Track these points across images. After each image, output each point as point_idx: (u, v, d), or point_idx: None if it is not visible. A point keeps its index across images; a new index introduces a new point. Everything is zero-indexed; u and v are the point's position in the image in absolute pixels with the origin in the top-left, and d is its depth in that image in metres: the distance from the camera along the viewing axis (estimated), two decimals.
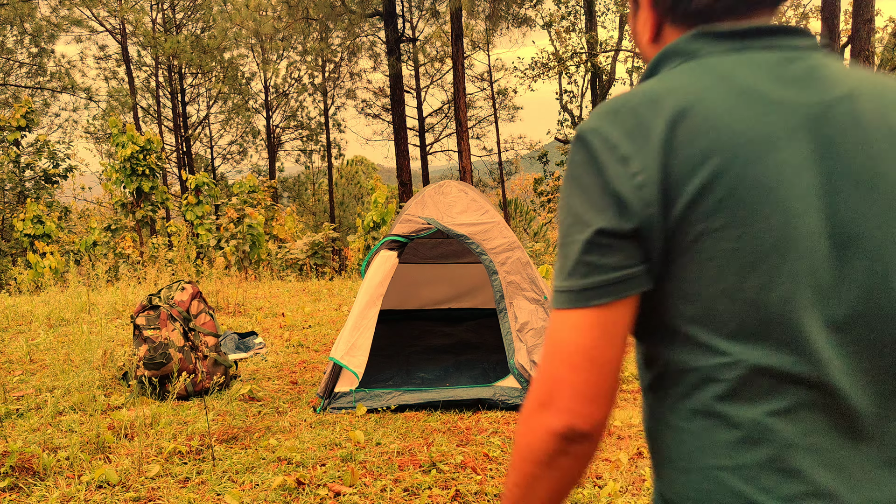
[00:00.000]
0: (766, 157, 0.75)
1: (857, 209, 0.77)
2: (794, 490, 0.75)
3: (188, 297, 4.31)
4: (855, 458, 0.77)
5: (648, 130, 0.76)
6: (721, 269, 0.75)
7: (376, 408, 3.89)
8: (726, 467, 0.77)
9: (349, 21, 17.30)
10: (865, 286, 0.76)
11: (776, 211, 0.75)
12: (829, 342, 0.76)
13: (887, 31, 23.13)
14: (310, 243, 12.10)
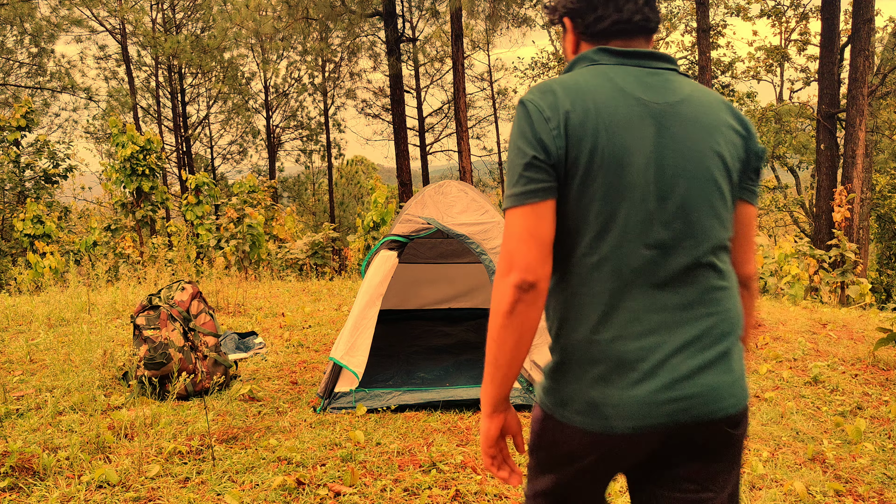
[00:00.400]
0: (627, 131, 1.31)
1: (674, 166, 1.33)
2: (636, 329, 1.31)
3: (188, 297, 4.31)
4: (669, 307, 1.33)
5: (561, 104, 1.31)
6: (595, 194, 1.30)
7: (376, 408, 3.89)
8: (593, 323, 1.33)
9: (349, 21, 17.30)
10: (676, 213, 1.33)
11: (628, 164, 1.30)
12: (658, 240, 1.32)
13: (887, 31, 23.11)
14: (310, 243, 12.10)
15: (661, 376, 1.30)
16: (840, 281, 9.00)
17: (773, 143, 23.00)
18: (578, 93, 1.32)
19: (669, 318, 1.33)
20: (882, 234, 24.80)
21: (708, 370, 1.34)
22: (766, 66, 25.66)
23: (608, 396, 1.31)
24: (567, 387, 1.36)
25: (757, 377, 4.58)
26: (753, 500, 2.83)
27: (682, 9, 24.00)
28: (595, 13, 1.43)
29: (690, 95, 1.39)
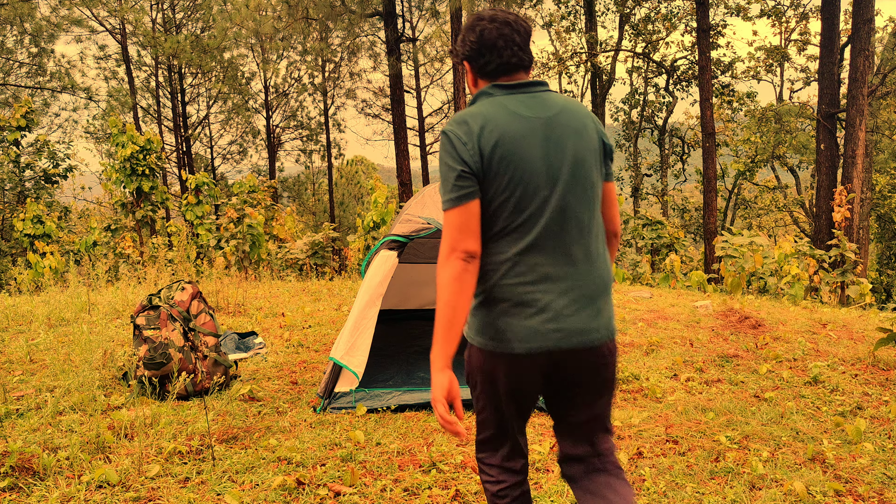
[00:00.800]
0: (521, 141, 1.82)
1: (559, 160, 1.84)
2: (532, 278, 1.81)
3: (188, 297, 4.31)
4: (558, 263, 1.82)
5: (472, 130, 1.81)
6: (505, 186, 1.80)
7: (376, 408, 3.89)
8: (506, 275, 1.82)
9: (349, 21, 17.29)
10: (561, 193, 1.83)
11: (523, 165, 1.81)
12: (551, 215, 1.82)
13: (887, 31, 23.11)
14: (310, 243, 12.09)
15: (548, 313, 1.81)
16: (840, 281, 9.00)
17: (773, 143, 22.99)
18: (483, 119, 1.84)
19: (558, 272, 1.84)
20: (882, 234, 24.80)
21: (582, 312, 1.84)
22: (766, 66, 25.65)
23: (509, 325, 1.82)
24: (482, 319, 1.87)
25: (757, 377, 4.58)
26: (753, 500, 2.83)
27: (682, 9, 23.99)
28: (483, 59, 1.93)
29: (563, 108, 1.92)
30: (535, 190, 1.83)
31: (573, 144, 1.87)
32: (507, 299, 1.82)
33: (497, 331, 1.83)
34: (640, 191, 25.99)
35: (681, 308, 6.93)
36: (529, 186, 1.83)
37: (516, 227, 1.83)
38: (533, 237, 1.82)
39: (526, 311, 1.81)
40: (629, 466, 3.12)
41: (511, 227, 1.83)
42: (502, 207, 1.83)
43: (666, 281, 10.21)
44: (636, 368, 4.68)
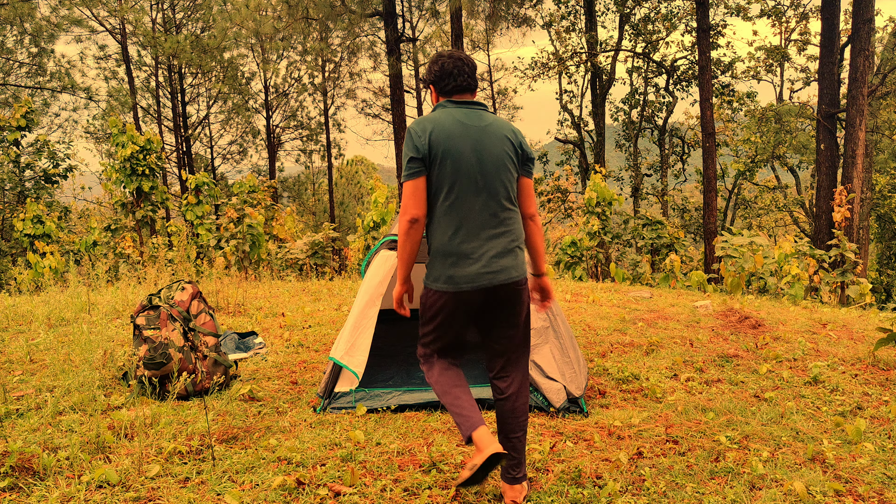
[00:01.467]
0: (459, 140, 2.67)
1: (486, 158, 2.68)
2: (471, 238, 2.67)
3: (188, 297, 4.31)
4: (487, 227, 2.69)
5: (426, 129, 2.66)
6: (445, 173, 2.65)
7: (376, 408, 3.89)
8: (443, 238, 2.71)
9: (349, 21, 17.29)
10: (486, 180, 2.68)
11: (462, 157, 2.65)
12: (479, 196, 2.68)
13: (887, 31, 23.11)
14: (310, 243, 12.09)
15: (482, 261, 2.67)
16: (840, 281, 9.00)
17: (773, 143, 22.99)
18: (435, 123, 2.69)
19: (486, 234, 2.69)
20: (882, 234, 24.81)
21: (503, 259, 2.69)
22: (766, 66, 25.65)
23: (457, 272, 2.67)
24: (436, 270, 2.71)
25: (757, 377, 4.58)
26: (753, 500, 2.83)
27: (682, 9, 23.99)
28: (444, 82, 2.79)
29: (492, 123, 2.76)
30: (467, 176, 2.68)
31: (496, 148, 2.72)
32: (453, 254, 2.68)
33: (449, 277, 2.69)
34: (640, 191, 26.00)
35: (681, 308, 6.93)
36: (462, 174, 2.67)
37: (455, 202, 2.68)
38: (467, 210, 2.68)
39: (467, 262, 2.67)
40: (629, 466, 3.13)
41: (451, 203, 2.68)
42: (442, 187, 2.67)
43: (666, 281, 10.21)
44: (636, 368, 4.68)
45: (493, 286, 2.67)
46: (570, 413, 3.83)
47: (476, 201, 2.68)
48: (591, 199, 11.55)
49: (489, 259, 2.67)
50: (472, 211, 2.68)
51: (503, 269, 2.68)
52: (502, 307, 2.74)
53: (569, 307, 7.10)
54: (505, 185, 2.72)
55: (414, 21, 22.32)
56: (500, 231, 2.71)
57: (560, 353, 3.97)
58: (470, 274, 2.66)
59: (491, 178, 2.69)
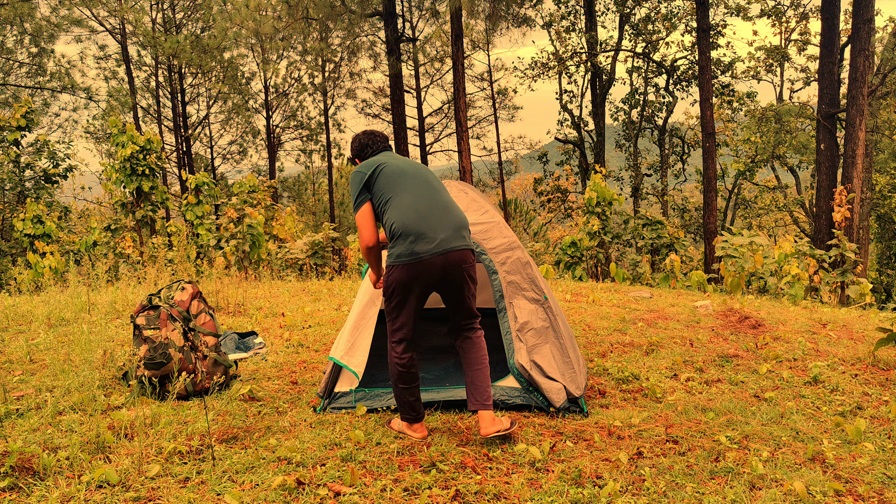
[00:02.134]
0: (388, 169, 3.56)
1: (402, 179, 3.54)
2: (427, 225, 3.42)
3: (188, 297, 4.31)
4: (443, 218, 3.46)
5: (371, 168, 3.55)
6: (382, 191, 3.50)
7: (376, 408, 3.89)
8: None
9: (349, 21, 17.29)
10: (415, 189, 3.50)
11: (389, 179, 3.53)
12: (413, 207, 3.44)
13: (887, 31, 23.10)
14: (310, 243, 12.09)
15: (437, 239, 3.33)
16: (840, 281, 9.00)
17: (773, 143, 22.99)
18: (377, 162, 3.56)
19: (439, 222, 3.39)
20: (882, 234, 24.81)
21: (456, 235, 3.40)
22: (766, 66, 25.66)
23: (418, 247, 3.31)
24: (400, 248, 3.34)
25: (757, 377, 4.58)
26: (753, 500, 2.83)
27: (682, 9, 23.99)
28: (366, 152, 3.75)
29: (397, 158, 3.66)
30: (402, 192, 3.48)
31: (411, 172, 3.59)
32: (413, 234, 3.33)
33: (411, 252, 3.32)
34: (640, 191, 26.00)
35: (681, 308, 6.93)
36: (398, 190, 3.48)
37: (410, 204, 3.43)
38: (423, 208, 3.42)
39: (426, 240, 3.33)
40: (629, 466, 3.12)
41: (406, 203, 3.42)
42: (382, 206, 3.48)
43: (666, 281, 10.21)
44: (636, 368, 4.68)
45: (450, 250, 3.46)
46: (570, 413, 3.83)
47: (428, 200, 3.61)
48: (591, 199, 11.55)
49: (446, 236, 3.44)
50: (428, 207, 3.57)
51: (457, 239, 3.50)
52: (458, 270, 3.53)
53: (569, 307, 7.10)
54: (443, 189, 3.69)
55: (414, 21, 22.32)
56: (451, 215, 3.63)
57: (560, 353, 3.97)
58: (429, 248, 3.40)
59: (431, 184, 3.69)
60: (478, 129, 26.20)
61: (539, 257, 14.72)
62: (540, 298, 4.07)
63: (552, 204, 25.53)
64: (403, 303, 3.38)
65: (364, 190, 3.46)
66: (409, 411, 3.48)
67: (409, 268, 3.30)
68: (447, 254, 3.32)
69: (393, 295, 3.38)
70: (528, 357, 3.89)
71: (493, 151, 26.32)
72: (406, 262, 3.30)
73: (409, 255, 3.30)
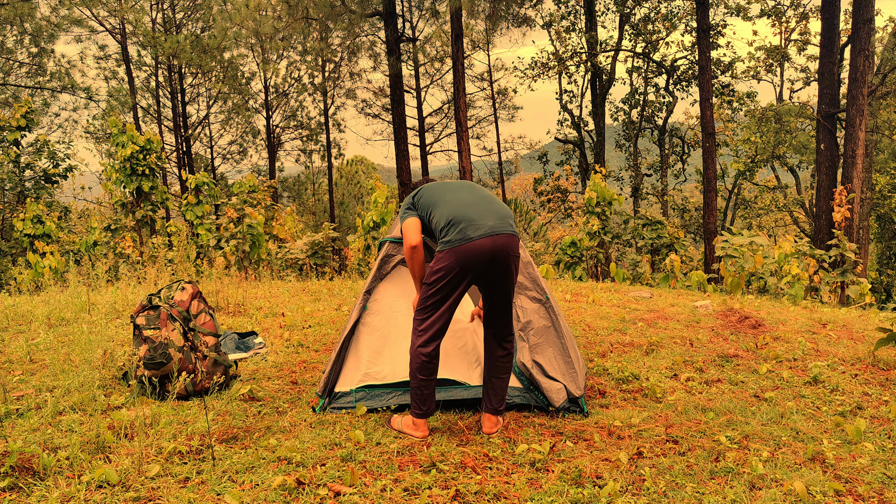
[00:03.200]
0: (430, 188, 3.78)
1: (444, 187, 3.74)
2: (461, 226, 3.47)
3: (188, 297, 4.31)
4: (485, 211, 3.53)
5: (414, 192, 3.83)
6: (427, 204, 3.66)
7: (376, 408, 3.89)
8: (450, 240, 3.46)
9: (349, 21, 17.29)
10: (457, 189, 3.71)
11: (432, 191, 3.73)
12: (459, 201, 3.59)
13: (887, 31, 23.11)
14: (310, 243, 12.09)
15: (486, 227, 3.40)
16: (840, 281, 9.00)
17: (773, 143, 22.99)
18: (414, 194, 3.77)
19: (484, 215, 3.46)
20: (882, 234, 24.81)
21: (501, 223, 3.46)
22: (766, 66, 25.66)
23: (468, 232, 3.38)
24: (449, 236, 3.41)
25: (757, 377, 4.58)
26: (753, 500, 2.83)
27: (682, 9, 23.99)
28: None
29: (461, 183, 3.80)
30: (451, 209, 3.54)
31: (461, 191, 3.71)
32: (464, 221, 3.43)
33: (463, 236, 3.38)
34: (640, 191, 26.00)
35: (681, 308, 6.93)
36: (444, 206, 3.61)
37: (456, 200, 3.57)
38: (468, 200, 3.57)
39: (475, 226, 3.40)
40: (629, 466, 3.12)
41: (452, 201, 3.57)
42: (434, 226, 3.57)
43: (666, 281, 10.21)
44: (636, 368, 4.68)
45: (498, 234, 3.52)
46: (570, 413, 3.83)
47: (475, 204, 3.73)
48: (591, 199, 11.55)
49: (492, 224, 3.54)
50: (472, 208, 3.70)
51: (504, 226, 3.58)
52: (505, 254, 3.57)
53: (569, 307, 7.10)
54: (491, 197, 3.77)
55: (414, 21, 22.32)
56: (494, 207, 3.70)
57: (561, 353, 3.97)
58: (480, 233, 3.47)
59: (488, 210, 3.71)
60: (478, 129, 26.22)
61: (539, 257, 14.72)
62: (542, 298, 4.07)
63: (552, 204, 25.54)
64: (447, 296, 3.40)
65: (411, 209, 3.68)
66: (421, 405, 3.47)
67: (459, 252, 3.32)
68: (496, 236, 3.37)
69: (437, 283, 3.38)
70: (530, 356, 3.89)
71: (493, 151, 26.33)
72: (456, 246, 3.33)
73: (459, 240, 3.34)
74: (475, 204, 3.50)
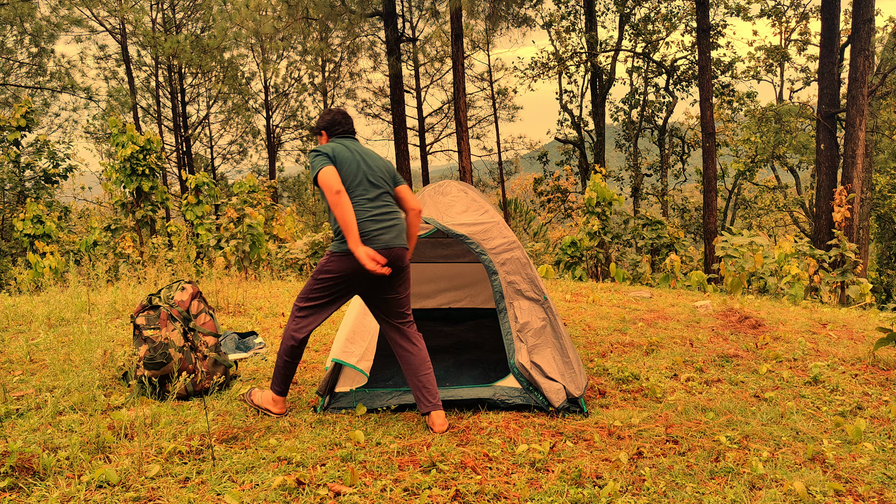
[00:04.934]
0: (350, 156, 3.66)
1: (370, 168, 3.69)
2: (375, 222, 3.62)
3: (188, 297, 4.31)
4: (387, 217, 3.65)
5: (331, 151, 3.61)
6: (345, 175, 3.60)
7: (376, 408, 3.89)
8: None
9: (349, 21, 17.29)
10: (374, 179, 3.68)
11: (354, 166, 3.64)
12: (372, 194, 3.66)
13: (887, 31, 23.11)
14: (310, 243, 12.09)
15: (382, 233, 3.54)
16: (840, 281, 9.00)
17: (773, 143, 22.99)
18: (334, 148, 3.62)
19: (383, 220, 3.59)
20: (882, 234, 24.80)
21: (392, 231, 3.58)
22: (766, 66, 25.65)
23: (366, 241, 3.51)
24: (344, 245, 3.52)
25: (757, 377, 4.58)
26: (753, 500, 2.83)
27: (682, 9, 23.99)
28: (336, 128, 3.80)
29: (367, 148, 3.78)
30: (360, 182, 3.61)
31: (379, 164, 3.73)
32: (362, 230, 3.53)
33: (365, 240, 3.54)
34: (640, 191, 25.99)
35: (681, 308, 6.93)
36: (357, 178, 3.60)
37: (356, 199, 3.57)
38: (367, 200, 3.60)
39: (372, 233, 3.54)
40: (629, 466, 3.12)
41: (354, 199, 3.57)
42: (346, 185, 3.57)
43: (666, 281, 10.21)
44: (636, 368, 4.68)
45: (393, 247, 3.58)
46: (569, 413, 3.83)
47: (373, 199, 3.62)
48: (591, 199, 11.55)
49: (390, 238, 3.58)
50: (374, 206, 3.61)
51: (397, 239, 3.61)
52: (399, 266, 3.64)
53: (569, 307, 7.10)
54: (386, 189, 3.69)
55: (414, 21, 22.31)
56: (392, 218, 3.64)
57: (560, 354, 3.97)
58: (377, 243, 3.52)
59: (378, 180, 3.67)
60: (478, 129, 26.20)
61: (539, 257, 14.73)
62: (540, 299, 4.07)
63: (552, 204, 25.54)
64: (333, 292, 3.61)
65: (329, 160, 3.59)
66: (283, 384, 3.75)
67: (347, 259, 3.53)
68: (396, 248, 3.59)
69: (327, 280, 3.60)
70: (529, 357, 3.89)
71: (493, 151, 26.32)
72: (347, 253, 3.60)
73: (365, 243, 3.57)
74: (379, 212, 3.67)
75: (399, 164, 18.46)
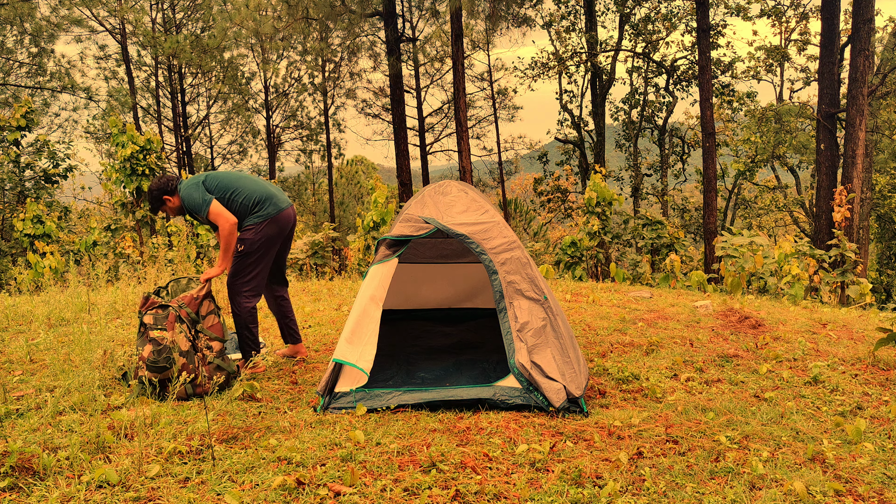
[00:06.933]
0: (211, 177, 4.60)
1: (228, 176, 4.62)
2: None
3: (200, 295, 4.29)
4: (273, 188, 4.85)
5: (197, 180, 4.53)
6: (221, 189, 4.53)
7: (376, 408, 3.89)
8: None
9: (349, 21, 17.29)
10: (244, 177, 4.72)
11: (238, 186, 4.55)
12: (256, 182, 4.68)
13: (887, 31, 23.10)
14: (310, 243, 12.09)
15: (286, 201, 4.59)
16: (840, 281, 9.00)
17: (773, 143, 22.99)
18: (192, 181, 4.51)
19: (277, 200, 4.57)
20: (882, 234, 24.81)
21: (288, 200, 4.63)
22: (766, 66, 25.65)
23: (280, 203, 4.53)
24: (264, 210, 4.46)
25: (757, 377, 4.58)
26: (753, 500, 2.83)
27: (682, 9, 23.99)
28: (171, 184, 4.58)
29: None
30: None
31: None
32: (271, 196, 4.45)
33: (277, 208, 4.43)
34: (640, 191, 25.99)
35: (681, 308, 6.94)
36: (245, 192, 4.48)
37: (252, 182, 4.53)
38: (261, 182, 4.54)
39: (280, 199, 4.51)
40: (629, 466, 3.12)
41: (249, 184, 4.50)
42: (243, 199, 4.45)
43: (666, 281, 10.21)
44: (636, 368, 4.68)
45: (290, 207, 4.58)
46: (570, 413, 3.83)
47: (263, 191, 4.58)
48: (591, 199, 11.55)
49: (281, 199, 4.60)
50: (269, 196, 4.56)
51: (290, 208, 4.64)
52: (292, 227, 4.66)
53: (569, 307, 7.10)
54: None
55: (414, 21, 22.31)
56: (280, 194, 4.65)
57: (560, 353, 3.97)
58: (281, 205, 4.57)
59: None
60: (478, 129, 26.20)
61: (539, 257, 14.73)
62: (539, 298, 4.07)
63: (552, 204, 25.54)
64: (265, 256, 4.42)
65: (206, 191, 4.32)
66: (255, 346, 4.59)
67: (279, 220, 4.43)
68: (291, 206, 4.54)
69: (260, 249, 4.39)
70: (529, 357, 3.89)
71: (493, 151, 26.32)
72: (275, 215, 4.40)
73: (277, 211, 4.41)
74: (266, 184, 4.52)
75: (399, 164, 18.46)
